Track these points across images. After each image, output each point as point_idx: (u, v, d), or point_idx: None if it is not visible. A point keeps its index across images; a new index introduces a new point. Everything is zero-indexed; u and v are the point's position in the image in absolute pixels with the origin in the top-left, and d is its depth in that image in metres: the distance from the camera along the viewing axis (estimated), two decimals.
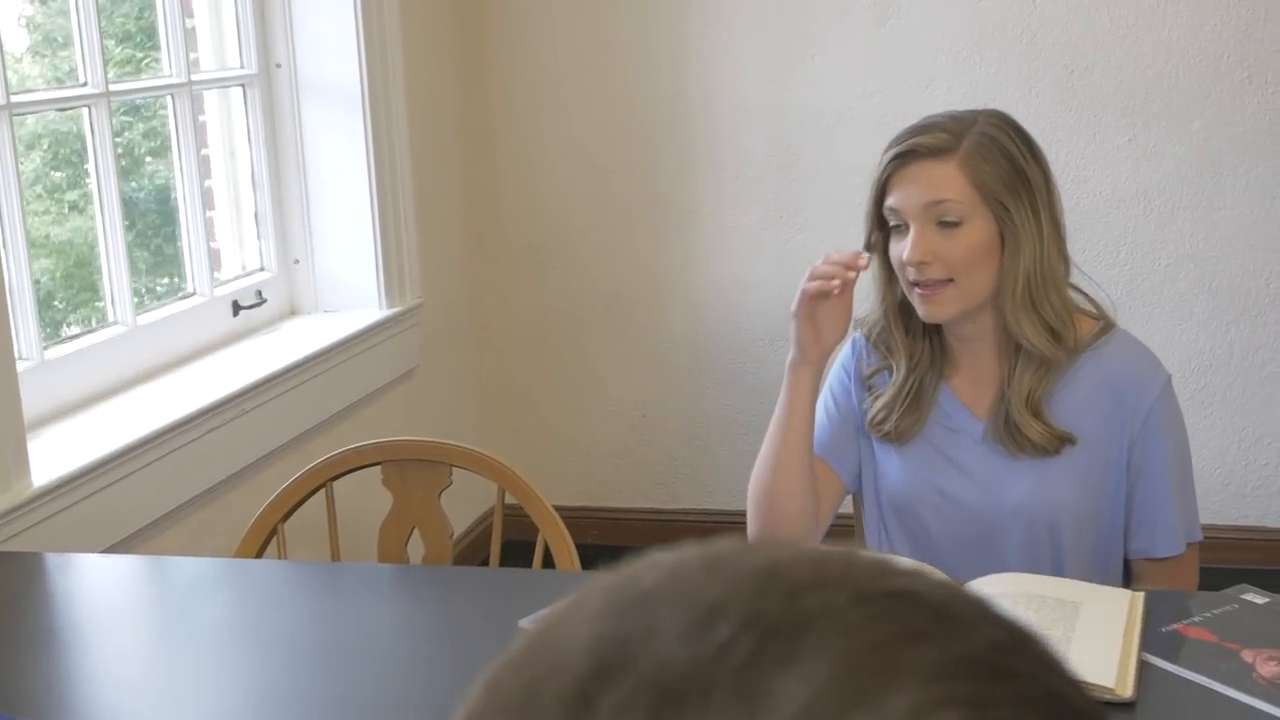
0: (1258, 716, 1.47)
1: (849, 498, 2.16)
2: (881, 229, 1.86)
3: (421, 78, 3.47)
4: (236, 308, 3.13)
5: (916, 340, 1.90)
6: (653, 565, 0.50)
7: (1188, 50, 3.37)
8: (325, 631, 1.83)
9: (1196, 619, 1.67)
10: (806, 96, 3.61)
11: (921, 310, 1.82)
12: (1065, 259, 1.84)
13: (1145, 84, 3.41)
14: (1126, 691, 1.50)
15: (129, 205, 2.88)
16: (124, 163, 2.89)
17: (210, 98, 3.17)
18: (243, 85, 3.22)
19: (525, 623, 1.73)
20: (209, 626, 1.82)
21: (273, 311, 3.26)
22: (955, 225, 1.78)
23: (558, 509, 2.14)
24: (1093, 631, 1.60)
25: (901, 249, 1.80)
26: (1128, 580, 1.92)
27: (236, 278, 3.22)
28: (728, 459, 3.86)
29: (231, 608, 1.90)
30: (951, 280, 1.79)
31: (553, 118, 3.75)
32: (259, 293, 3.20)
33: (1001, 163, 1.78)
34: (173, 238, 3.05)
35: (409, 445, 2.12)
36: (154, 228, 3.06)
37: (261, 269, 3.29)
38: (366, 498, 2.25)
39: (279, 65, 3.25)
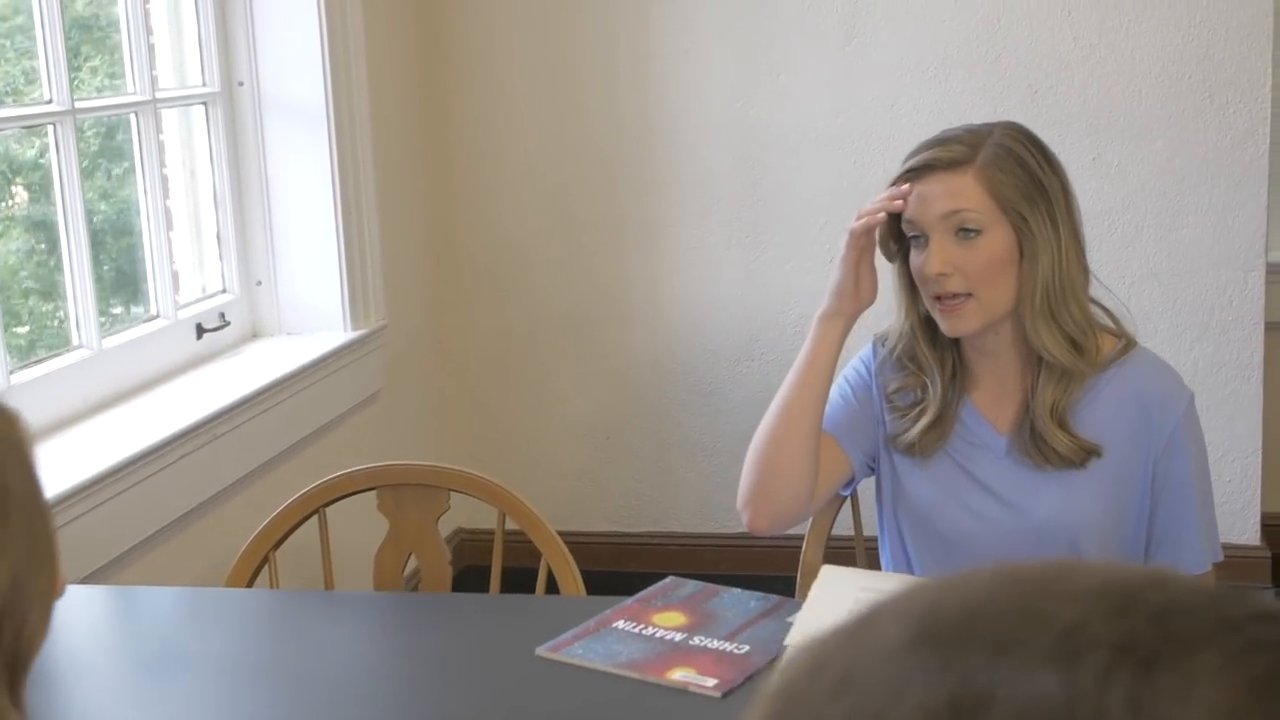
0: None
1: (847, 506, 2.15)
2: (898, 241, 1.85)
3: (383, 96, 3.42)
4: (200, 330, 3.06)
5: (945, 353, 1.89)
6: (946, 591, 0.47)
7: (1150, 70, 3.40)
8: (324, 663, 1.78)
9: None
10: (771, 115, 3.60)
11: (943, 325, 1.81)
12: (1085, 269, 1.84)
13: (1109, 104, 3.43)
14: None
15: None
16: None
17: (169, 116, 3.10)
18: (204, 103, 3.15)
19: (542, 650, 1.69)
20: (200, 660, 1.75)
21: (235, 335, 3.19)
22: (975, 235, 1.77)
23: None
24: None
25: (921, 262, 1.79)
26: None
27: (196, 300, 3.15)
28: (692, 482, 3.83)
29: (224, 640, 1.84)
30: (971, 295, 1.78)
31: (514, 136, 3.72)
32: (222, 315, 3.13)
33: (1018, 173, 1.78)
34: (131, 259, 2.97)
35: (405, 470, 2.07)
36: (104, 248, 2.97)
37: (223, 291, 3.22)
38: (352, 524, 2.20)
39: (241, 83, 3.19)
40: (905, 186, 1.81)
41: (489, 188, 3.76)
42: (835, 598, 1.67)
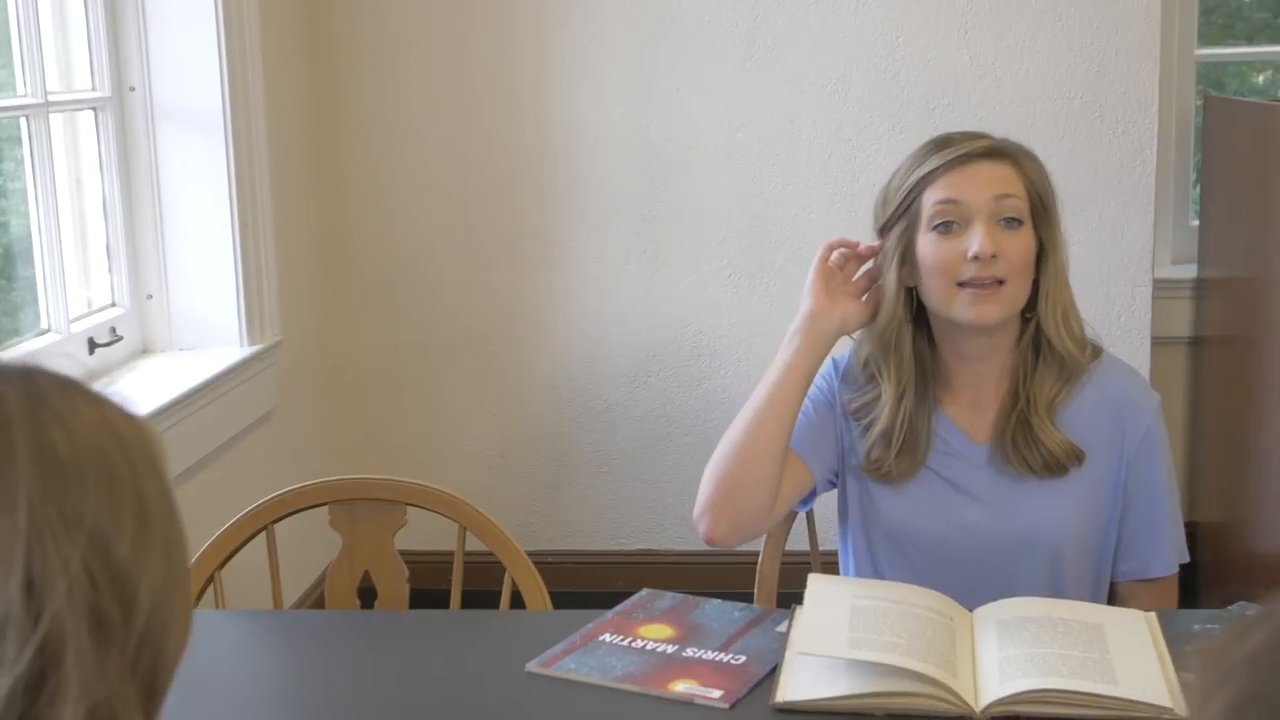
0: None
1: (803, 517, 2.12)
2: (905, 235, 1.83)
3: (278, 103, 3.31)
4: (92, 345, 2.91)
5: (906, 365, 1.87)
6: None
7: (1044, 90, 3.47)
8: (280, 684, 1.69)
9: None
10: (671, 130, 3.58)
11: (971, 312, 1.79)
12: None
13: (1004, 121, 3.48)
14: (1183, 711, 1.48)
15: None
16: None
17: (55, 121, 2.95)
18: (94, 108, 3.01)
19: (533, 666, 1.63)
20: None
21: (126, 350, 3.05)
22: (1018, 226, 1.79)
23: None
24: (1127, 652, 1.59)
25: (960, 246, 1.78)
26: (1110, 604, 1.92)
27: (84, 315, 3.00)
28: (588, 499, 3.78)
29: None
30: (1004, 282, 1.78)
31: (409, 147, 3.63)
32: (113, 329, 2.99)
33: (1045, 176, 1.85)
34: (12, 270, 2.81)
35: (360, 483, 1.98)
36: None
37: (113, 304, 3.08)
38: (299, 542, 2.10)
39: (133, 88, 3.05)
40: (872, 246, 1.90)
41: (383, 199, 3.66)
42: (832, 606, 1.64)
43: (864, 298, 1.90)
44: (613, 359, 3.70)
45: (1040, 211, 1.83)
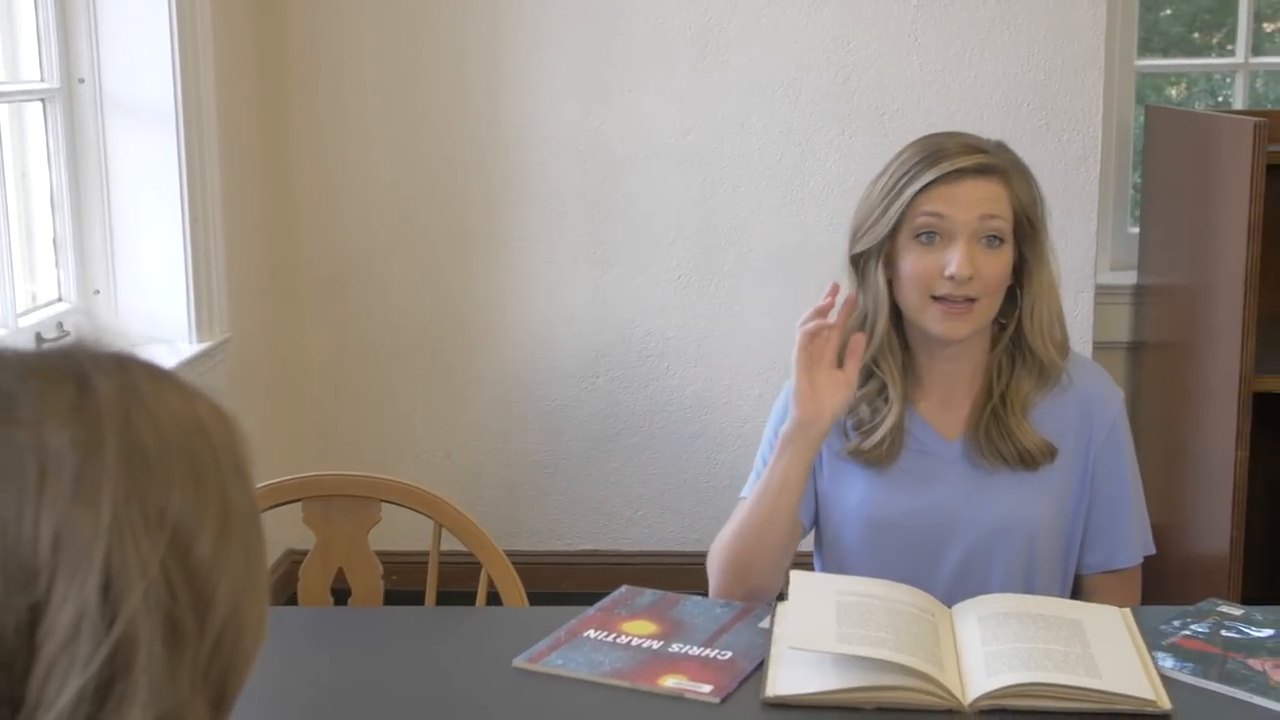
0: None
1: None
2: (882, 248, 1.84)
3: (228, 98, 3.28)
4: (40, 340, 2.86)
5: (900, 361, 1.90)
6: None
7: (991, 97, 3.52)
8: (279, 684, 1.67)
9: (1187, 632, 1.70)
10: (622, 131, 3.58)
11: (941, 326, 1.82)
12: None
13: (952, 127, 3.51)
14: (1166, 704, 1.51)
15: None
16: None
17: (2, 112, 2.89)
18: (42, 100, 2.96)
19: (519, 661, 1.63)
20: None
21: None
22: (999, 244, 1.81)
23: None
24: (1107, 647, 1.61)
25: (939, 261, 1.80)
26: (1075, 596, 1.96)
27: (30, 310, 2.95)
28: (535, 499, 3.77)
29: None
30: (976, 300, 1.81)
31: (359, 144, 3.61)
32: (60, 325, 2.94)
33: (1034, 189, 1.87)
34: None
35: (335, 480, 1.97)
36: None
37: (59, 299, 3.03)
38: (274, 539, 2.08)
39: (82, 80, 3.01)
40: (847, 296, 1.85)
41: (332, 197, 3.64)
42: (817, 602, 1.66)
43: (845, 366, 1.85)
44: (561, 359, 3.70)
45: (1025, 228, 1.85)
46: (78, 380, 0.74)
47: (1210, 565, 3.21)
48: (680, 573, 2.81)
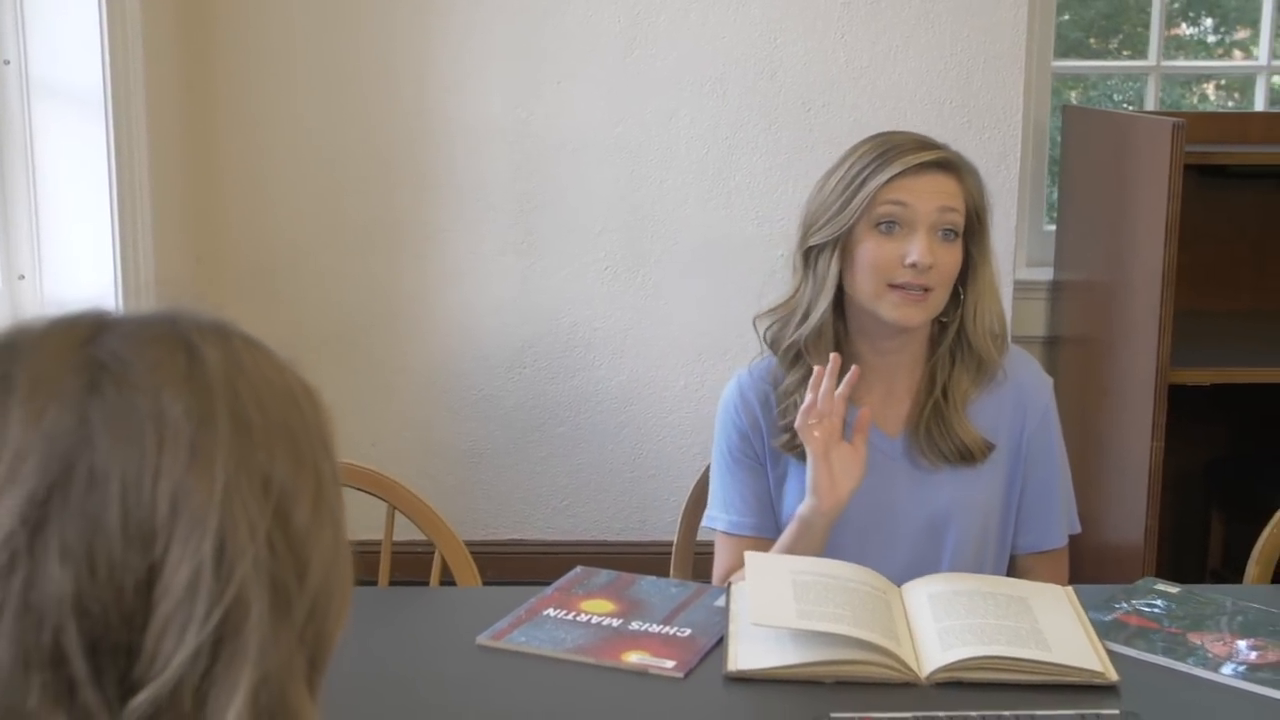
0: (1225, 693, 1.57)
1: (679, 519, 2.17)
2: (840, 239, 1.88)
3: (156, 82, 3.24)
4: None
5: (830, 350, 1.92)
6: None
7: (915, 94, 3.58)
8: None
9: (1127, 608, 1.76)
10: (551, 122, 3.60)
11: (898, 313, 1.86)
12: None
13: (877, 123, 3.57)
14: (1113, 675, 1.57)
15: None
16: None
17: None
18: None
19: (483, 639, 1.64)
20: None
21: None
22: (954, 238, 1.86)
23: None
24: (1055, 623, 1.67)
25: (900, 250, 1.84)
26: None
27: None
28: (461, 488, 3.77)
29: None
30: (931, 290, 1.85)
31: (286, 133, 3.58)
32: None
33: (984, 190, 1.95)
34: None
35: None
36: None
37: None
38: None
39: (7, 61, 2.96)
40: (836, 358, 1.84)
41: (259, 186, 3.61)
42: (773, 581, 1.69)
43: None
44: (488, 349, 3.70)
45: (975, 225, 1.92)
46: (187, 350, 0.77)
47: (1125, 553, 3.30)
48: (607, 563, 2.79)
